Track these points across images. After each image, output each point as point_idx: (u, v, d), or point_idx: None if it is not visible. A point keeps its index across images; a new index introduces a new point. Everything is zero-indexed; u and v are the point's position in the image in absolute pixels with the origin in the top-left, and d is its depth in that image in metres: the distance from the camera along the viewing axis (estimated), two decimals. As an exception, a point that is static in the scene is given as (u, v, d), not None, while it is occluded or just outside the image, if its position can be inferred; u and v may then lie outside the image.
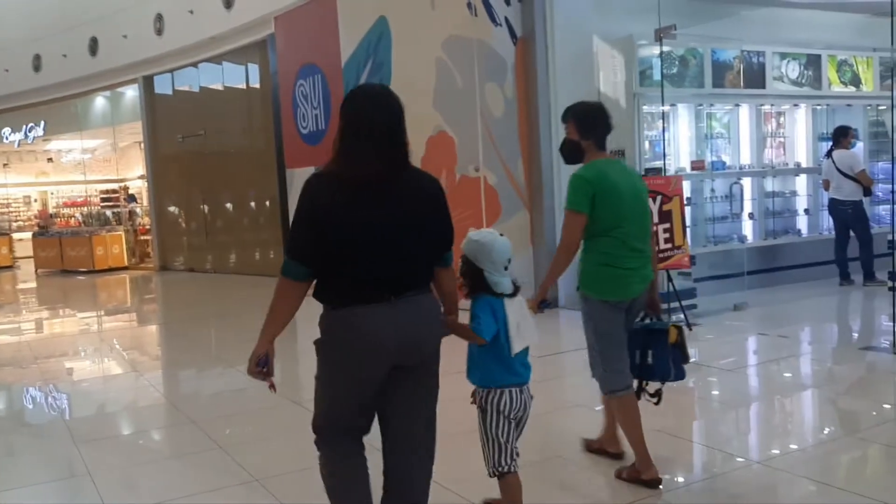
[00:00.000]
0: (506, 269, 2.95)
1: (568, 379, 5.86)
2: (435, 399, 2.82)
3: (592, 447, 3.96)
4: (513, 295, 2.95)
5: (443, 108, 8.87)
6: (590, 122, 3.63)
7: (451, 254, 2.81)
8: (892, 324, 6.25)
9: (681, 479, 3.69)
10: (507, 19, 8.35)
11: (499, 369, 2.95)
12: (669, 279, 7.08)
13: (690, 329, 6.85)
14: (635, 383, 3.62)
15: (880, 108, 10.04)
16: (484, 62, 8.37)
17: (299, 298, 2.64)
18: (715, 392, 5.30)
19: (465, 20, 8.51)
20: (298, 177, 11.95)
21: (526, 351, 3.00)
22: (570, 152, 3.71)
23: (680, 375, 3.63)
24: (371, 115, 2.58)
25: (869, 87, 9.91)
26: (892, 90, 8.48)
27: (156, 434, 5.20)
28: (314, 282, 2.63)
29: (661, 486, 3.49)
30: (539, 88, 8.31)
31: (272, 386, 2.68)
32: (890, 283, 7.54)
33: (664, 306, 7.24)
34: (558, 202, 8.44)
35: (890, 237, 8.14)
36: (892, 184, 7.86)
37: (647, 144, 8.58)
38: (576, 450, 4.02)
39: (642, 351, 3.61)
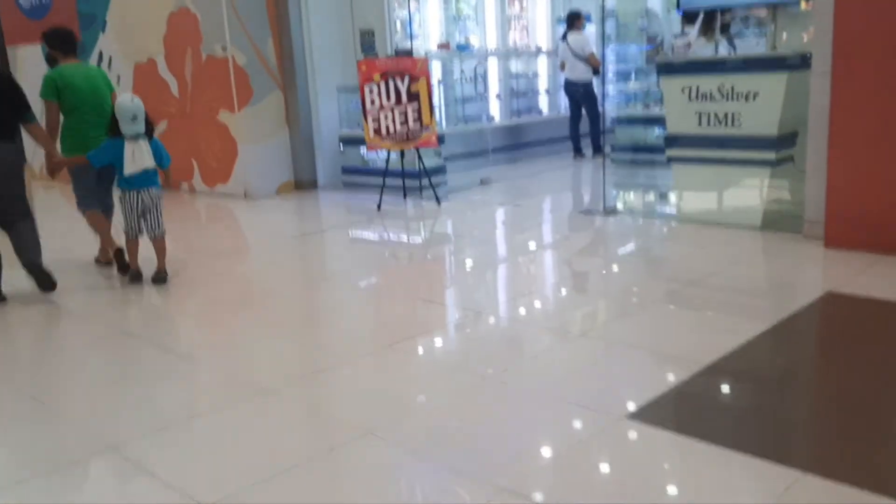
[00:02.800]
0: (133, 119, 4.83)
1: (317, 257, 6.08)
2: (25, 208, 4.91)
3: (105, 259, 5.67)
4: (135, 139, 4.85)
5: (183, -20, 8.28)
6: (55, 39, 5.45)
7: (32, 114, 4.87)
8: (614, 191, 7.12)
9: (437, 342, 3.96)
10: None
11: (122, 181, 4.99)
12: (419, 157, 7.39)
13: (440, 204, 7.27)
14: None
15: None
16: (225, -69, 7.85)
17: None
18: (462, 259, 5.74)
19: None
20: (23, 55, 10.67)
21: (147, 170, 4.92)
22: (49, 60, 5.54)
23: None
24: None
25: (600, -27, 10.62)
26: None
27: None
28: None
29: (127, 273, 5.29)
30: (286, -37, 8.02)
31: None
32: (612, 155, 8.46)
33: (416, 183, 7.64)
34: (311, 83, 8.36)
35: (613, 115, 9.06)
36: (603, 66, 8.70)
37: (398, 25, 8.66)
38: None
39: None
